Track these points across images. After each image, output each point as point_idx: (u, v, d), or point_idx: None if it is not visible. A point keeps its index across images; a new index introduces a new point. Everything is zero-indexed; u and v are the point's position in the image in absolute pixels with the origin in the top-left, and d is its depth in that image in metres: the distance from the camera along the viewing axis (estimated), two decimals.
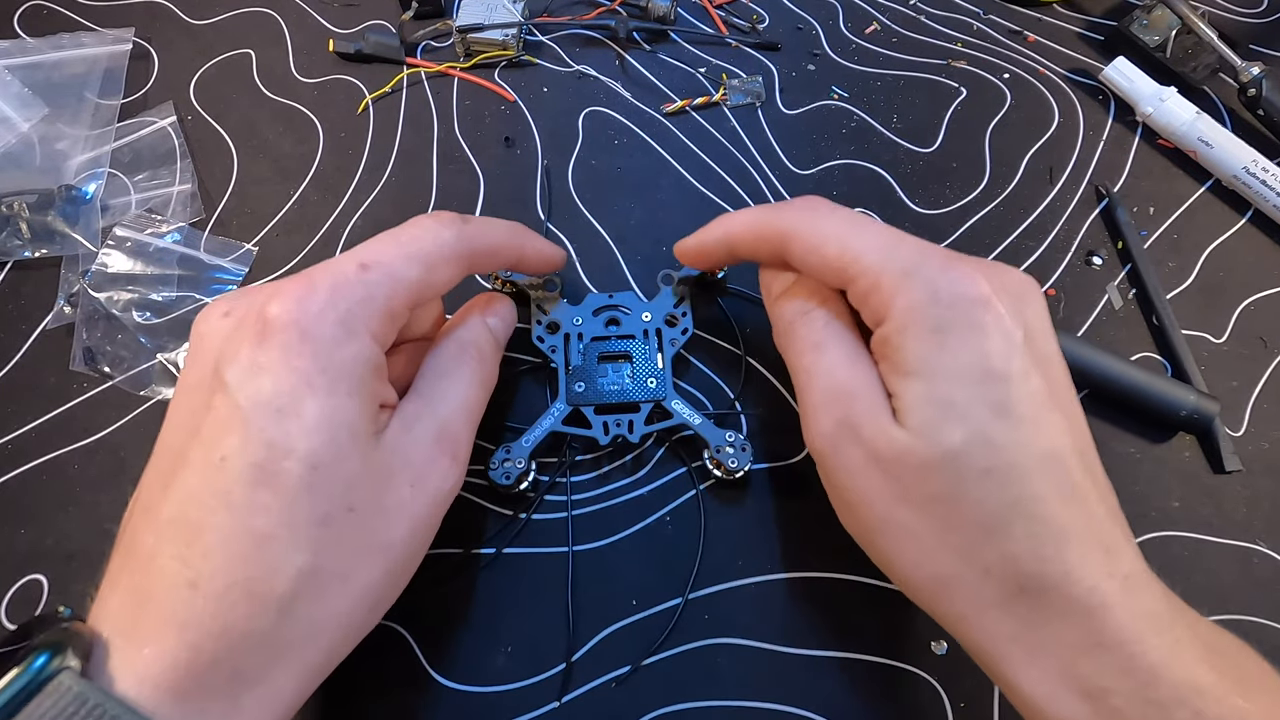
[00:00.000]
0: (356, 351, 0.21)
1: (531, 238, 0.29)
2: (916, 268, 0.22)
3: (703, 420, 0.29)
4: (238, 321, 0.21)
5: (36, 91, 0.38)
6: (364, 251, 0.22)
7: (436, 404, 0.24)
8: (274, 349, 0.20)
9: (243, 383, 0.20)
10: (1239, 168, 0.36)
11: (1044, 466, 0.20)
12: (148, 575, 0.19)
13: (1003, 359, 0.21)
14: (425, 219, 0.25)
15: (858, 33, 0.42)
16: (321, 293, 0.21)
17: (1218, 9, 0.43)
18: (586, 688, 0.27)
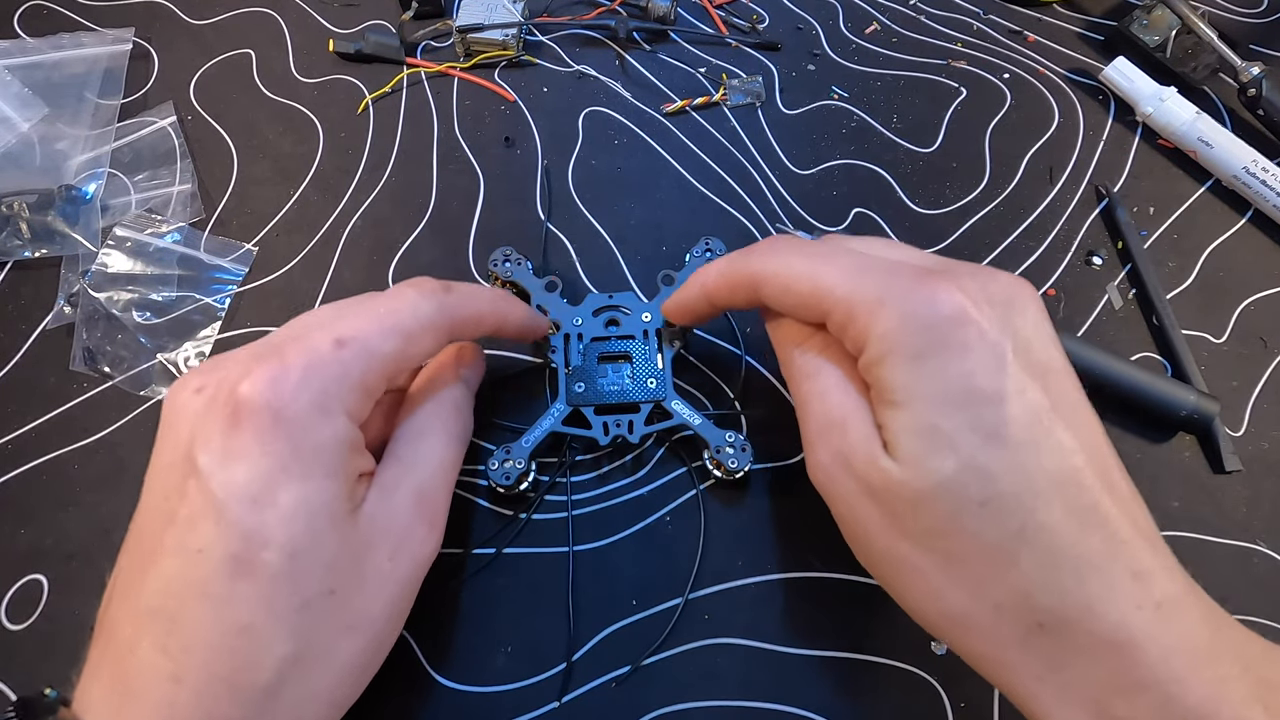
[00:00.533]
0: (332, 432, 0.20)
1: (515, 306, 0.28)
2: (886, 293, 0.21)
3: (703, 420, 0.29)
4: (209, 400, 0.20)
5: (36, 91, 0.38)
6: (340, 324, 0.22)
7: (415, 468, 0.24)
8: (247, 434, 0.19)
9: (216, 470, 0.19)
10: (1239, 168, 0.36)
11: (1051, 491, 0.19)
12: (129, 666, 0.19)
13: (989, 378, 0.19)
14: (407, 289, 0.24)
15: (858, 33, 0.42)
16: (295, 373, 0.20)
17: (1218, 9, 0.43)
18: (586, 688, 0.27)
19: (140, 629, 0.19)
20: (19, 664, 0.27)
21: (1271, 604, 0.29)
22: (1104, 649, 0.18)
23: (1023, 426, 0.19)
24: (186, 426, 0.20)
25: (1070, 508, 0.19)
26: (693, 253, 0.33)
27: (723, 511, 0.30)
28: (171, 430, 0.21)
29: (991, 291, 0.21)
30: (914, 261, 0.23)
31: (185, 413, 0.20)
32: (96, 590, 0.28)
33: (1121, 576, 0.19)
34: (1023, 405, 0.19)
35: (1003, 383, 0.19)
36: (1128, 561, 0.19)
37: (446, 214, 0.36)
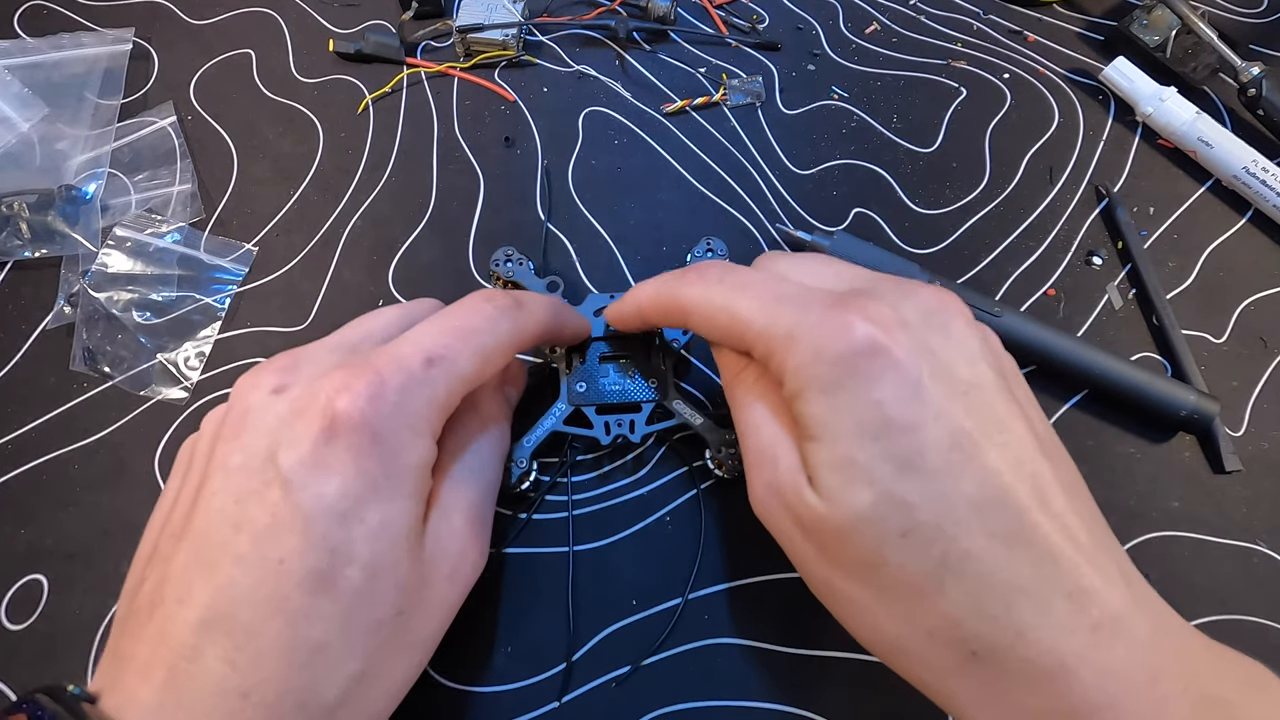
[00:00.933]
0: (419, 454, 0.21)
1: (567, 313, 0.28)
2: (797, 327, 0.20)
3: (704, 420, 0.29)
4: (295, 406, 0.20)
5: (36, 91, 0.38)
6: (429, 341, 0.21)
7: (467, 488, 0.24)
8: (343, 449, 0.19)
9: (306, 480, 0.19)
10: (1239, 168, 0.36)
11: (971, 517, 0.18)
12: (189, 675, 0.18)
13: (901, 406, 0.19)
14: (484, 304, 0.23)
15: (858, 33, 0.42)
16: (392, 392, 0.20)
17: (1218, 9, 0.43)
18: (586, 688, 0.27)
19: (205, 637, 0.18)
20: (19, 664, 0.27)
21: (1271, 604, 0.29)
22: (1037, 676, 0.18)
23: (940, 453, 0.19)
24: (267, 430, 0.19)
25: (994, 531, 0.18)
26: (694, 253, 0.33)
27: (723, 511, 0.30)
28: (248, 431, 0.20)
29: (905, 313, 0.20)
30: (834, 285, 0.22)
31: (265, 415, 0.20)
32: (97, 590, 0.28)
33: (1054, 599, 0.18)
34: (940, 430, 0.19)
35: (917, 410, 0.19)
36: (1062, 582, 0.18)
37: (446, 214, 0.36)
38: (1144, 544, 0.30)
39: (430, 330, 0.22)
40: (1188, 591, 0.29)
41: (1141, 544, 0.30)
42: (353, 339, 0.23)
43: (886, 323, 0.19)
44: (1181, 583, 0.29)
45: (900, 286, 0.22)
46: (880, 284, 0.22)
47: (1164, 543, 0.30)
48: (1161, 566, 0.29)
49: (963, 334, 0.21)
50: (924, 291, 0.21)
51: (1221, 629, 0.28)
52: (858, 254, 0.33)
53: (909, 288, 0.21)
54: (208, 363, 0.33)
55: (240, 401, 0.21)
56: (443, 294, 0.34)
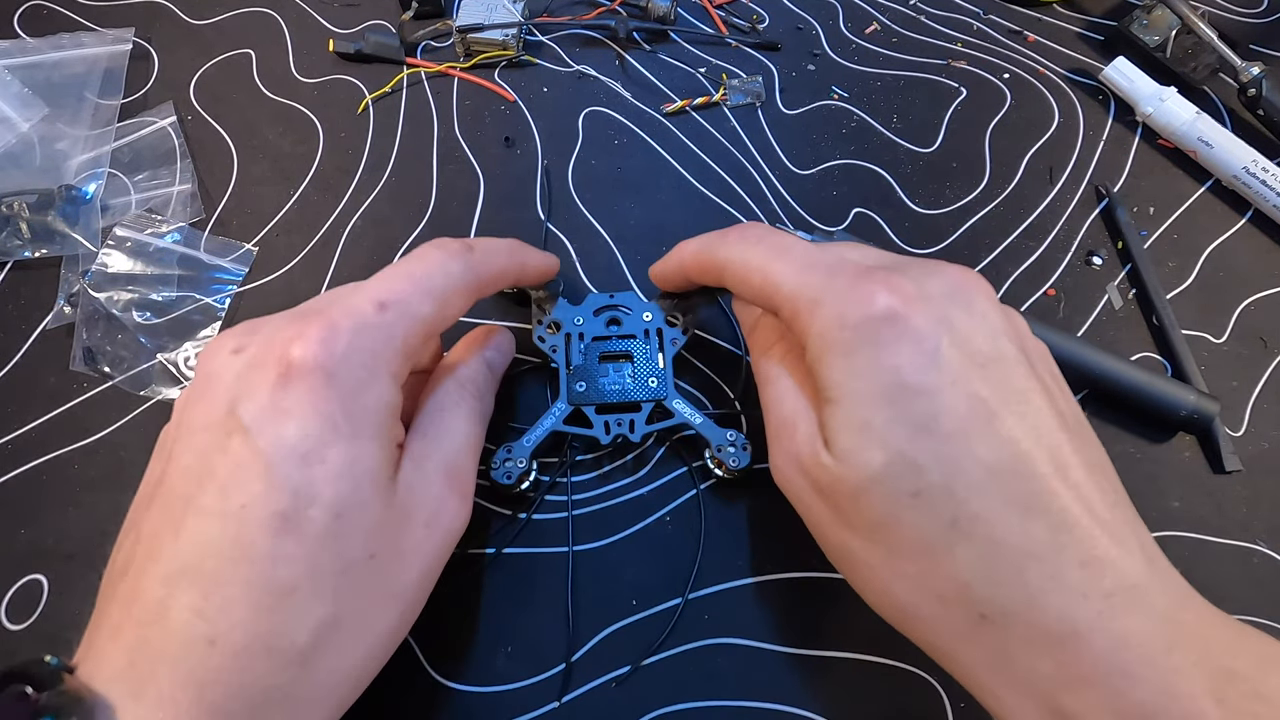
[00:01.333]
0: (379, 394, 0.21)
1: (529, 252, 0.28)
2: (824, 293, 0.21)
3: (704, 420, 0.29)
4: (252, 361, 0.20)
5: (36, 91, 0.38)
6: (379, 288, 0.22)
7: (443, 441, 0.24)
8: (299, 392, 0.19)
9: (264, 426, 0.19)
10: (1239, 168, 0.36)
11: (986, 481, 0.19)
12: (158, 629, 0.18)
13: (918, 372, 0.19)
14: (431, 250, 0.24)
15: (858, 33, 0.42)
16: (344, 335, 0.20)
17: (1218, 9, 0.43)
18: (586, 688, 0.27)
19: (173, 590, 0.18)
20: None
21: (1271, 604, 0.29)
22: (1048, 641, 0.18)
23: (956, 418, 0.19)
24: (226, 386, 0.20)
25: (1009, 497, 0.19)
26: None
27: (723, 511, 0.30)
28: (209, 390, 0.20)
29: (928, 287, 0.21)
30: (863, 261, 0.23)
31: (224, 373, 0.20)
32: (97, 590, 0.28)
33: (1068, 566, 0.18)
34: (956, 396, 0.19)
35: (933, 376, 0.19)
36: (1076, 550, 0.18)
37: (446, 214, 0.36)
38: None
39: (381, 278, 0.22)
40: None
41: None
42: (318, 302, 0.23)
43: (908, 294, 0.20)
44: None
45: (927, 265, 0.22)
46: (908, 263, 0.23)
47: (1164, 543, 0.29)
48: None
49: (985, 309, 0.21)
50: (949, 269, 0.22)
51: None
52: None
53: (935, 266, 0.22)
54: None
55: (203, 367, 0.21)
56: None
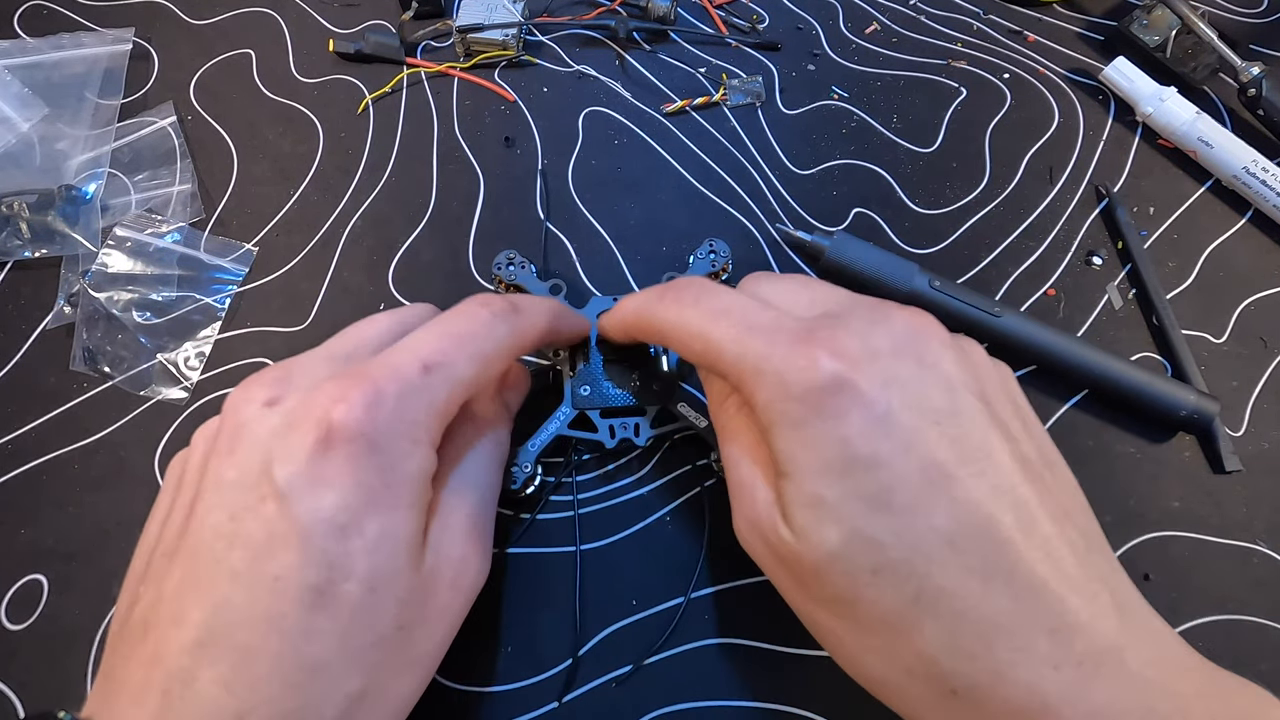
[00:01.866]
0: (419, 463, 0.20)
1: (566, 315, 0.28)
2: (766, 361, 0.20)
3: (708, 423, 0.29)
4: (290, 418, 0.19)
5: (36, 91, 0.38)
6: (425, 347, 0.21)
7: (467, 496, 0.23)
8: (340, 460, 0.18)
9: (302, 494, 0.18)
10: (1239, 168, 0.36)
11: (945, 552, 0.18)
12: (184, 700, 0.17)
13: (868, 442, 0.18)
14: (478, 309, 0.23)
15: (858, 33, 0.42)
16: (389, 401, 0.19)
17: (1218, 9, 0.43)
18: (587, 687, 0.27)
19: (200, 660, 0.18)
20: (19, 664, 0.27)
21: (1271, 604, 0.29)
22: (1018, 716, 0.17)
23: (911, 489, 0.18)
24: (261, 443, 0.19)
25: (972, 566, 0.18)
26: (696, 254, 0.33)
27: (725, 512, 0.29)
28: (242, 445, 0.19)
29: (874, 342, 0.20)
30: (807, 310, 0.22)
31: (259, 429, 0.19)
32: (97, 590, 0.28)
33: (1036, 635, 0.17)
34: (910, 465, 0.18)
35: (884, 445, 0.18)
36: (1045, 617, 0.18)
37: (446, 214, 0.36)
38: (1144, 544, 0.30)
39: (427, 337, 0.22)
40: (1188, 591, 0.29)
41: (1141, 544, 0.30)
42: (346, 348, 0.22)
43: (853, 356, 0.19)
44: (1181, 583, 0.29)
45: (874, 312, 0.21)
46: (854, 309, 0.21)
47: (1164, 543, 0.30)
48: (1161, 566, 0.29)
49: (937, 358, 0.20)
50: (897, 316, 0.21)
51: (1221, 629, 0.28)
52: (858, 254, 0.33)
53: (882, 313, 0.21)
54: (208, 363, 0.33)
55: (233, 416, 0.20)
56: (443, 294, 0.34)
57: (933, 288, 0.32)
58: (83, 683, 0.27)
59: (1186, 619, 0.28)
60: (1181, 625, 0.28)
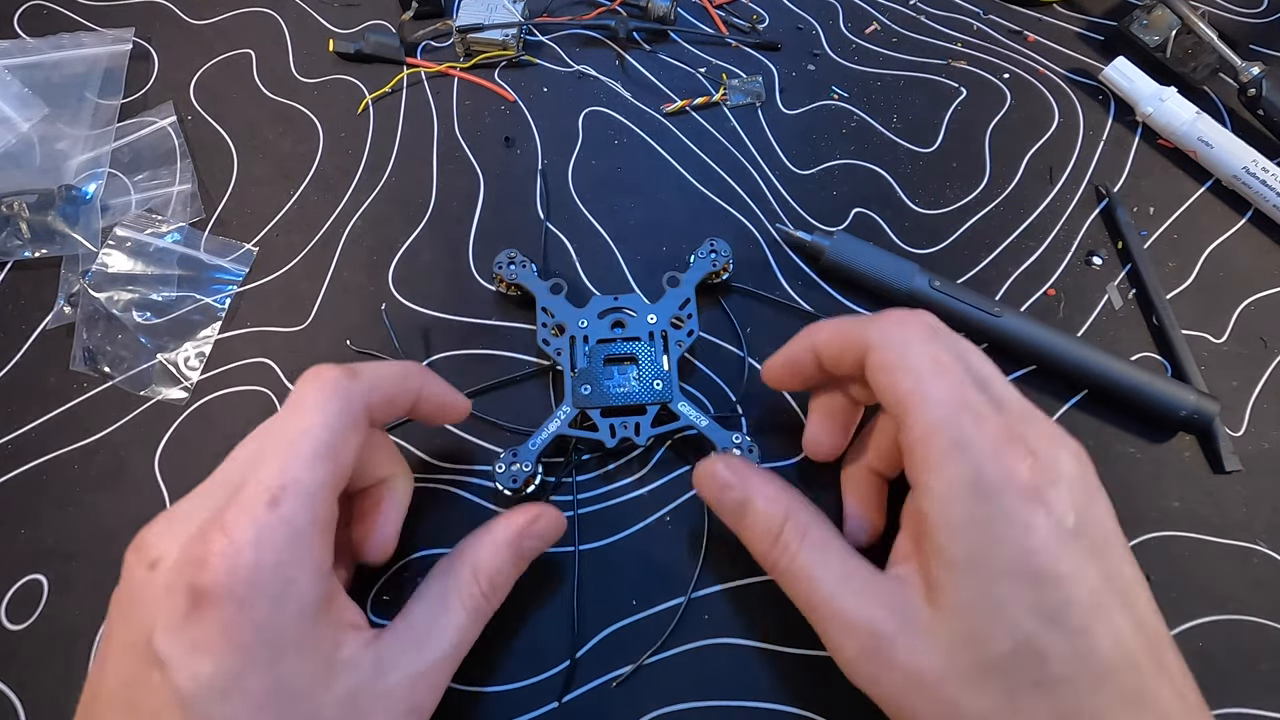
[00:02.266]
0: (298, 604, 0.20)
1: (429, 381, 0.26)
2: (968, 441, 0.21)
3: (709, 422, 0.29)
4: (166, 583, 0.19)
5: (36, 91, 0.38)
6: (267, 476, 0.20)
7: (424, 648, 0.22)
8: (211, 625, 0.18)
9: (182, 662, 0.18)
10: (1239, 168, 0.36)
11: (1104, 676, 0.19)
12: None
13: (1052, 559, 0.19)
14: (308, 389, 0.22)
15: (858, 33, 0.42)
16: (246, 551, 0.19)
17: (1218, 9, 0.43)
18: (587, 687, 0.27)
19: None
20: (19, 664, 0.27)
21: (1271, 604, 0.29)
22: None
23: (1083, 610, 0.19)
24: (145, 611, 0.19)
25: (1123, 693, 0.19)
26: (697, 254, 0.33)
27: None
28: (130, 609, 0.20)
29: (1061, 467, 0.21)
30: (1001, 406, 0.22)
31: (143, 593, 0.19)
32: (97, 590, 0.28)
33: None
34: (1082, 588, 0.19)
35: (1064, 566, 0.19)
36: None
37: (446, 214, 0.36)
38: (1144, 544, 0.30)
39: (265, 457, 0.21)
40: (1188, 591, 0.29)
41: (1141, 544, 0.30)
42: (232, 476, 0.21)
43: (1048, 471, 0.20)
44: (1181, 583, 0.29)
45: (1054, 435, 0.22)
46: (1034, 424, 0.22)
47: (1164, 543, 0.30)
48: (1161, 566, 0.29)
49: (1097, 493, 0.22)
50: (1069, 443, 0.22)
51: (1221, 629, 0.28)
52: (858, 254, 0.33)
53: (1059, 437, 0.22)
54: (208, 363, 0.33)
55: (127, 574, 0.20)
56: (443, 294, 0.34)
57: (933, 288, 0.32)
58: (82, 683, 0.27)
59: (1186, 619, 0.28)
60: (1181, 625, 0.28)
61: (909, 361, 0.23)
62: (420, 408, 0.26)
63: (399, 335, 0.33)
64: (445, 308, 0.34)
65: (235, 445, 0.30)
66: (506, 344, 0.33)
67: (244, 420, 0.31)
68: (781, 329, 0.33)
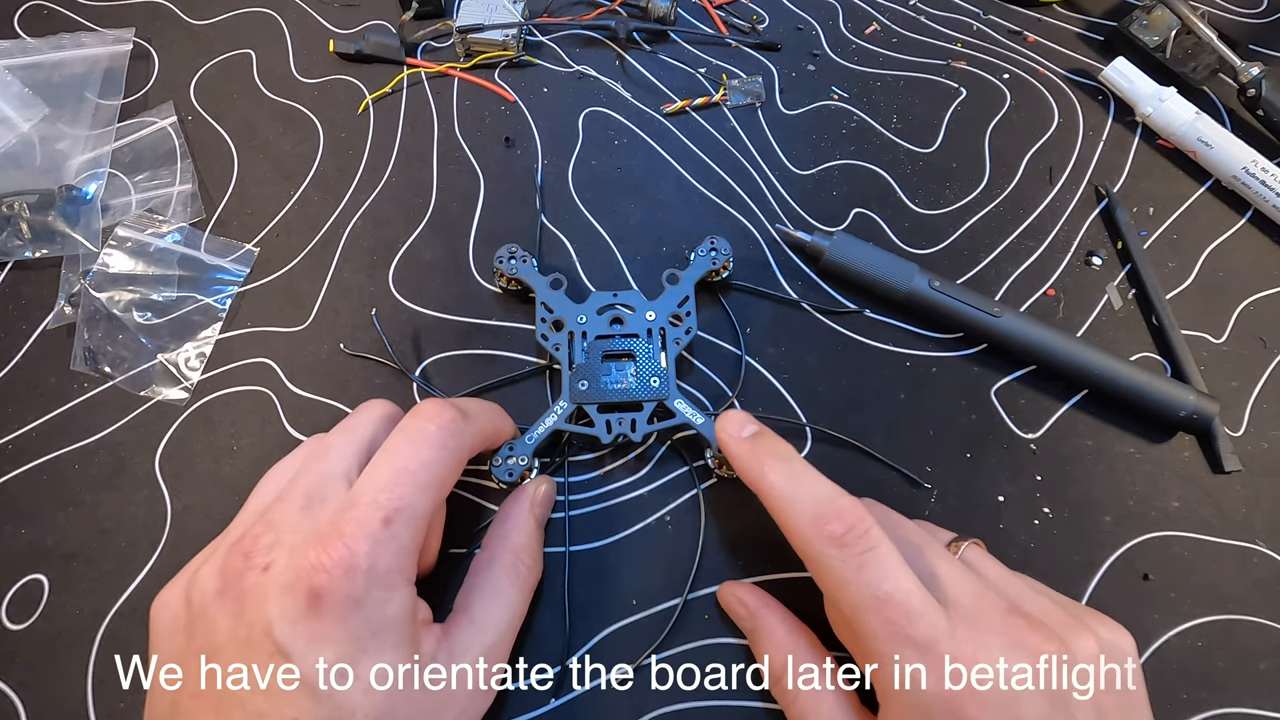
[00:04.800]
0: (399, 606, 0.22)
1: (507, 421, 0.29)
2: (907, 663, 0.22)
3: (706, 420, 0.29)
4: (282, 584, 0.21)
5: (36, 91, 0.38)
6: (383, 498, 0.22)
7: (487, 629, 0.25)
8: (330, 620, 0.21)
9: (305, 651, 0.21)
10: (1239, 168, 0.36)
11: None
12: None
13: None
14: (428, 425, 0.24)
15: (858, 33, 0.42)
16: (362, 561, 0.21)
17: (1218, 9, 0.43)
18: (586, 688, 0.27)
19: None
20: (19, 664, 0.27)
21: (1271, 604, 0.29)
22: None
23: None
24: (260, 607, 0.21)
25: None
26: (698, 252, 0.33)
27: (723, 511, 0.30)
28: (247, 608, 0.22)
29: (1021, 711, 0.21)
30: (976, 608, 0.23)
31: (258, 592, 0.22)
32: (97, 590, 0.28)
33: None
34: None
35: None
36: None
37: (446, 214, 0.36)
38: (1144, 544, 0.30)
39: (382, 479, 0.23)
40: (1188, 591, 0.29)
41: (1141, 544, 0.30)
42: (317, 489, 0.24)
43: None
44: (1181, 583, 0.29)
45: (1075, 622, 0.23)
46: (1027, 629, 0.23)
47: (1164, 543, 0.30)
48: (1161, 566, 0.29)
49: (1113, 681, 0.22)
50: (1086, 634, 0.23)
51: (1221, 629, 0.28)
52: (858, 254, 0.33)
53: (1085, 622, 0.23)
54: (208, 363, 0.33)
55: (237, 581, 0.22)
56: (443, 294, 0.34)
57: (932, 288, 0.32)
58: (82, 683, 0.27)
59: (1186, 619, 0.28)
60: (1181, 625, 0.28)
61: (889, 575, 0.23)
62: (494, 445, 0.29)
63: (399, 334, 0.33)
64: (445, 307, 0.34)
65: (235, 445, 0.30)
66: (506, 344, 0.33)
67: (244, 420, 0.31)
68: (781, 328, 0.33)
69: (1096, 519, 0.30)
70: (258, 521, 0.23)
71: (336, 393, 0.32)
